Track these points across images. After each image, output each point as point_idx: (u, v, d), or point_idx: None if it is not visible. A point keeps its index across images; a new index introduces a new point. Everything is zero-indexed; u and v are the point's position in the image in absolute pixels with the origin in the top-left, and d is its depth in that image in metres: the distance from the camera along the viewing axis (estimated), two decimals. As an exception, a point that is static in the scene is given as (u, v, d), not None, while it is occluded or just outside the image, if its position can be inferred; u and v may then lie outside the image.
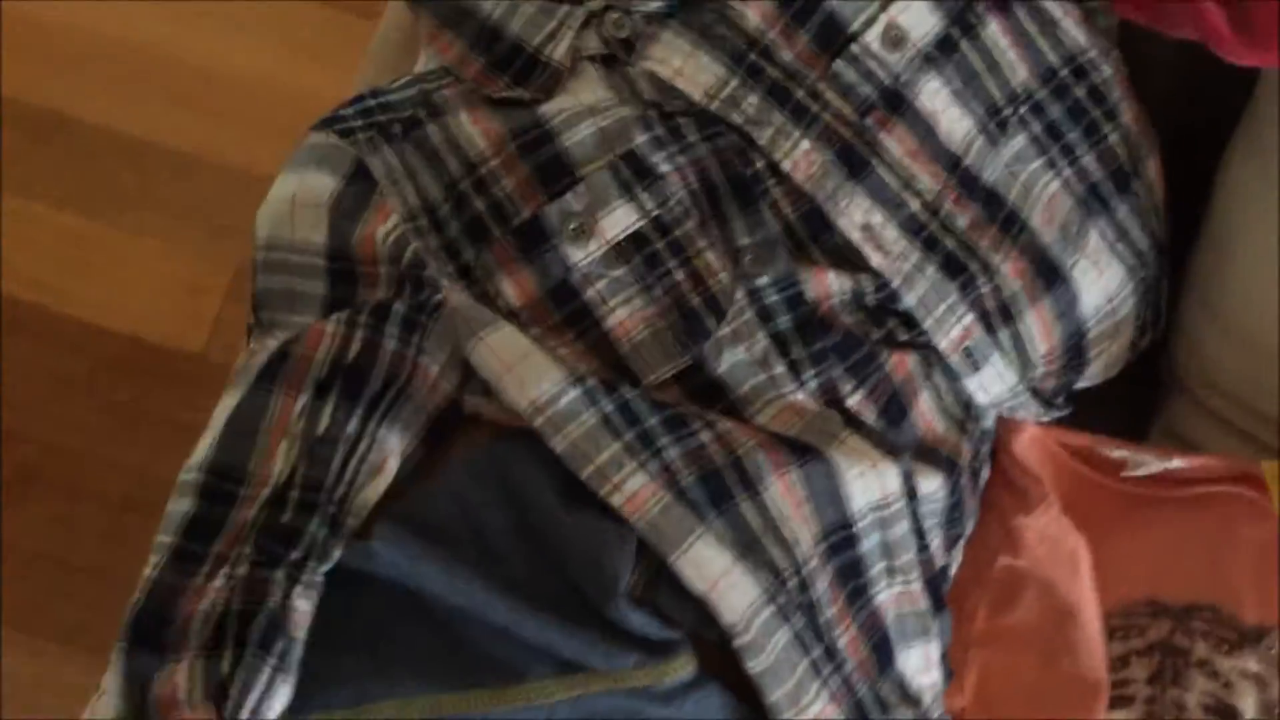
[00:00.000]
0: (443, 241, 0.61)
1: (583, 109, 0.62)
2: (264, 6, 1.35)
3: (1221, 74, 0.67)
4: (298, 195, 0.64)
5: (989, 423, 0.68)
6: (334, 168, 0.63)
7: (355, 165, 0.63)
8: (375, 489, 0.57)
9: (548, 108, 0.62)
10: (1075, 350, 0.68)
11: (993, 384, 0.66)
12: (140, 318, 1.28)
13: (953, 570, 0.68)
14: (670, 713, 0.55)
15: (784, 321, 0.60)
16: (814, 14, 0.63)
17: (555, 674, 0.55)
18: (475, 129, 0.62)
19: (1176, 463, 0.71)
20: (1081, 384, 0.72)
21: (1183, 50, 0.69)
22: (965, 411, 0.66)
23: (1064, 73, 0.66)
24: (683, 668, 0.56)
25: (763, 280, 0.60)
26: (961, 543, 0.68)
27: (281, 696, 0.53)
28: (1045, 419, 0.71)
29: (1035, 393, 0.69)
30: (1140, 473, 0.72)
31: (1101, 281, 0.67)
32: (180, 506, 0.56)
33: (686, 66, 0.62)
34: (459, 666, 0.55)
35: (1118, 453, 0.72)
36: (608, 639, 0.55)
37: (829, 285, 0.61)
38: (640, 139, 0.61)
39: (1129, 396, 0.77)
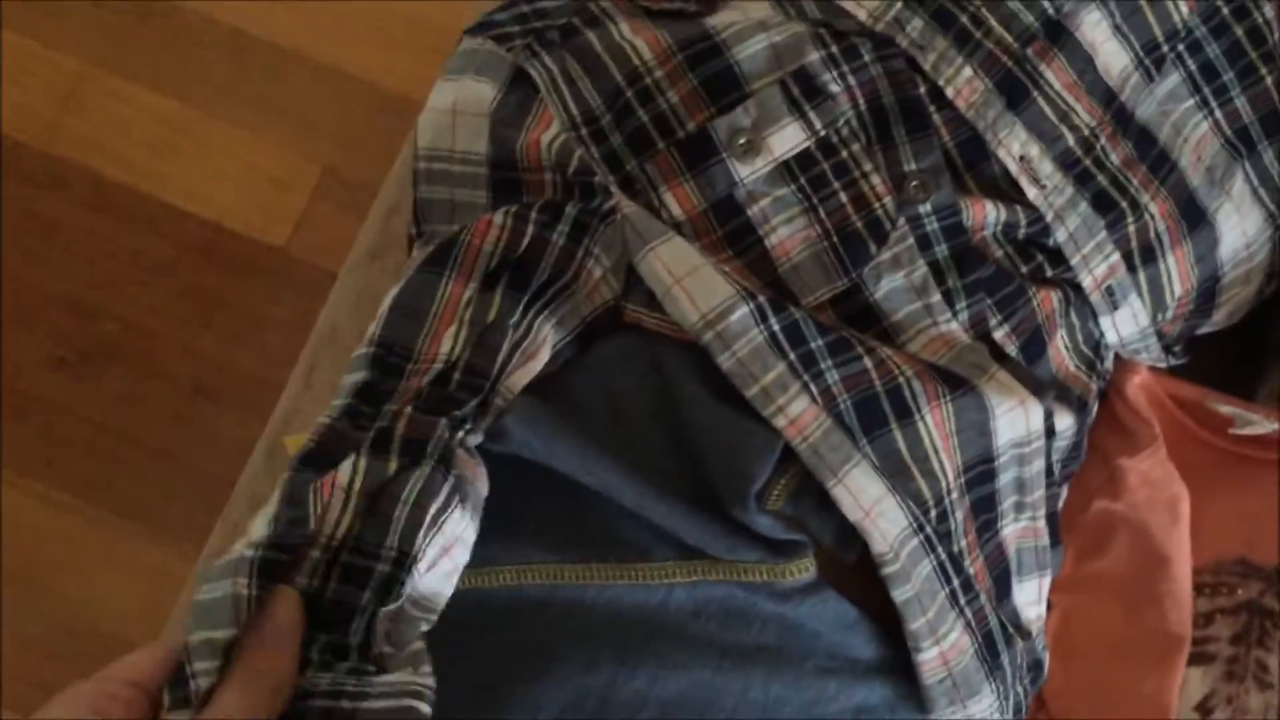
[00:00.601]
0: (604, 152, 0.60)
1: (753, 23, 0.61)
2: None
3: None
4: (458, 103, 0.63)
5: (1109, 364, 0.68)
6: (493, 75, 0.63)
7: (514, 72, 0.62)
8: (526, 373, 0.56)
9: (715, 20, 0.61)
10: (1207, 294, 0.68)
11: (1125, 324, 0.66)
12: (226, 207, 1.28)
13: (1060, 506, 0.67)
14: (785, 610, 0.55)
15: (941, 250, 0.60)
16: None
17: (677, 557, 0.55)
18: (639, 39, 0.61)
19: (1284, 424, 0.70)
20: (1204, 329, 0.71)
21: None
22: (1095, 351, 0.66)
23: (1225, 11, 0.65)
24: (803, 570, 0.56)
25: (925, 207, 0.60)
26: (1070, 481, 0.68)
27: (458, 520, 0.52)
28: (1162, 365, 0.71)
29: (1159, 336, 0.68)
30: (1246, 432, 0.71)
31: (1242, 226, 0.67)
32: (354, 377, 0.56)
33: None
34: (582, 540, 0.55)
35: (1226, 409, 0.72)
36: (733, 533, 0.55)
37: (985, 216, 0.61)
38: (812, 56, 0.60)
39: (1238, 357, 0.77)
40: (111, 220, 1.27)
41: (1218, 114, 0.66)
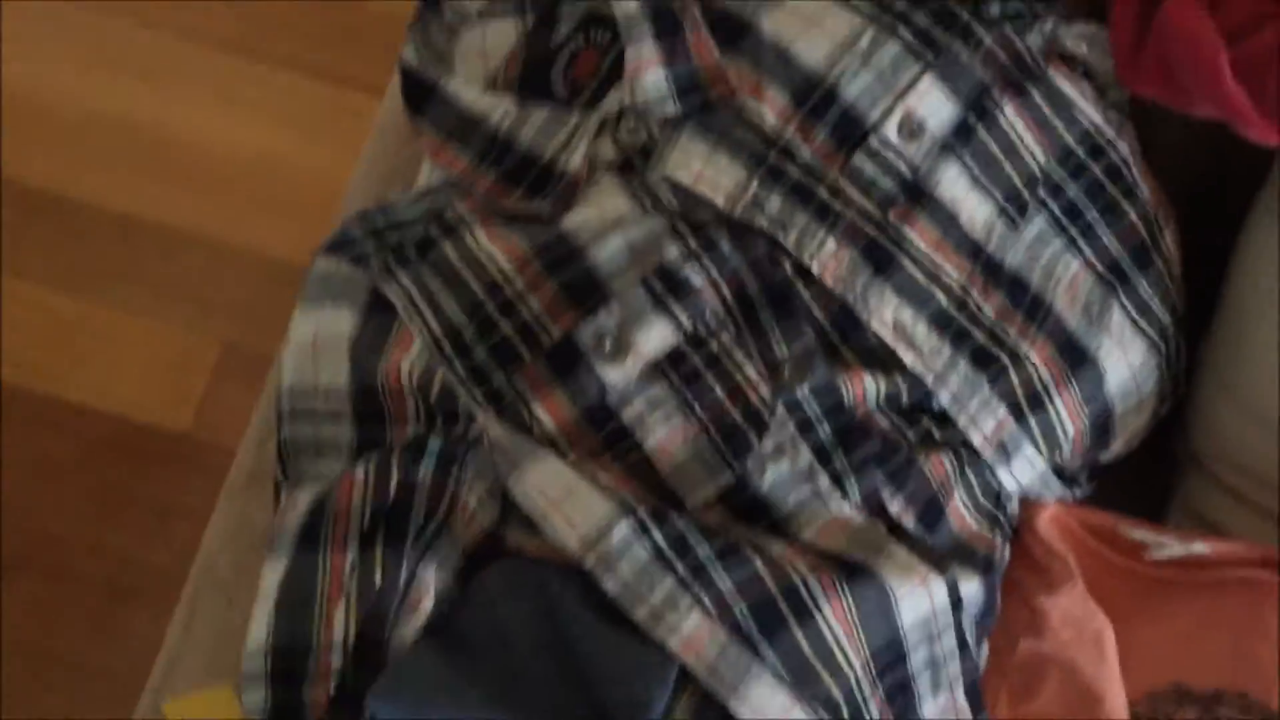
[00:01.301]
0: (469, 367, 0.58)
1: (608, 221, 0.60)
2: (255, 80, 1.34)
3: (1230, 153, 0.67)
4: (318, 336, 0.62)
5: (1014, 509, 0.67)
6: (351, 300, 0.62)
7: (371, 294, 0.61)
8: (412, 627, 0.54)
9: (570, 221, 0.60)
10: (1102, 429, 0.67)
11: (1023, 472, 0.65)
12: (128, 398, 1.26)
13: (982, 664, 0.66)
14: None
15: (824, 431, 0.59)
16: (830, 109, 0.62)
17: None
18: (495, 247, 0.60)
19: (1199, 547, 0.69)
20: (1104, 459, 0.70)
21: (1189, 131, 0.68)
22: (996, 503, 0.65)
23: (1080, 152, 0.66)
24: None
25: (802, 391, 0.59)
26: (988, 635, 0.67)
27: None
28: (1069, 499, 0.70)
29: (1059, 474, 0.67)
30: (1163, 555, 0.70)
31: (1126, 359, 0.66)
32: (255, 697, 0.54)
33: (706, 170, 0.61)
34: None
35: (1139, 534, 0.71)
36: None
37: (865, 390, 0.60)
38: (671, 251, 0.60)
39: (1144, 473, 0.76)
40: (12, 426, 1.24)
41: (1087, 252, 0.66)
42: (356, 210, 0.65)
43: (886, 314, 0.61)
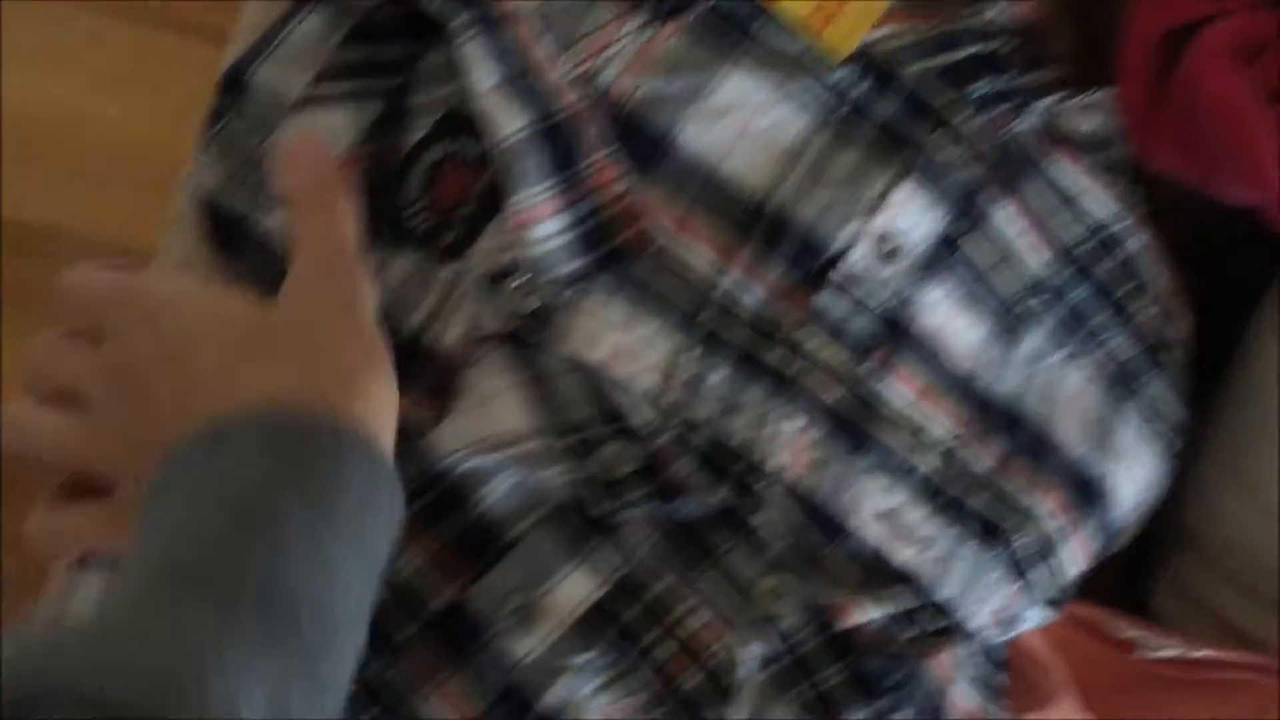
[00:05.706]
0: None
1: (490, 439, 0.47)
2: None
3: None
4: None
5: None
6: None
7: None
8: None
9: (447, 444, 0.47)
10: (1109, 546, 0.58)
11: (1025, 627, 0.56)
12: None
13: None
14: None
15: (804, 687, 0.48)
16: (784, 236, 0.49)
17: None
18: None
19: (1204, 652, 0.62)
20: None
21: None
22: (994, 669, 0.55)
23: (1088, 249, 0.54)
24: None
25: (771, 638, 0.47)
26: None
27: None
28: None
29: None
30: (1159, 655, 0.63)
31: (1137, 476, 0.57)
32: None
33: (625, 343, 0.47)
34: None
35: (1131, 632, 0.63)
36: None
37: (853, 614, 0.49)
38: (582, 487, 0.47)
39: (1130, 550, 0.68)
40: None
41: (1090, 362, 0.55)
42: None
43: (869, 505, 0.49)
